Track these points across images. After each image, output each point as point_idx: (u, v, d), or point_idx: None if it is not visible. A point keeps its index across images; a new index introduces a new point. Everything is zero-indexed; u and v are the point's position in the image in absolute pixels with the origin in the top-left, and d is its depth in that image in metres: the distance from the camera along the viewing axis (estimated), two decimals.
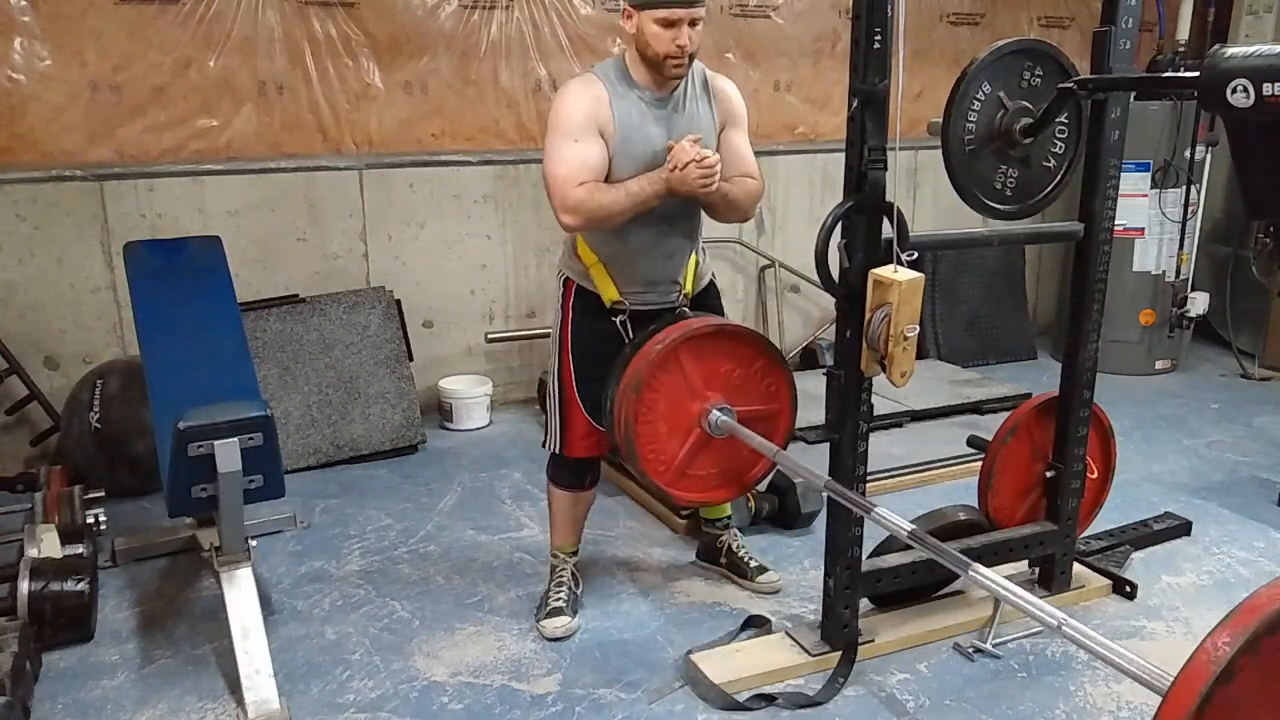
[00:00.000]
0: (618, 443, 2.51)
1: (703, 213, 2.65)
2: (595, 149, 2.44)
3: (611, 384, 2.50)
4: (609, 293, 2.60)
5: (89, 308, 3.87)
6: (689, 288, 2.69)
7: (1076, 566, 2.88)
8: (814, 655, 2.51)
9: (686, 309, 2.66)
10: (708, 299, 2.77)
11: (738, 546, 3.00)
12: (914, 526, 2.09)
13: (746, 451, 2.57)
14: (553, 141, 2.45)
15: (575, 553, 2.86)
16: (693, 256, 2.68)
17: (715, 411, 2.49)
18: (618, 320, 2.60)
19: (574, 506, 2.79)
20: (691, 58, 2.46)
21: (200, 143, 4.02)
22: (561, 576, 2.80)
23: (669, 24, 2.38)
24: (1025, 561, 2.84)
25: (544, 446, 2.76)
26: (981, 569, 1.90)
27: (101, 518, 3.02)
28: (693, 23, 2.40)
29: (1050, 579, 2.81)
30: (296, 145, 4.17)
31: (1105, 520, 3.08)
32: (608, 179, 2.47)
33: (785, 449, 2.54)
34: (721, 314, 2.79)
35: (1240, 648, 1.31)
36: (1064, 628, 1.71)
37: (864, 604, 2.60)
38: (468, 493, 3.69)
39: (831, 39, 5.08)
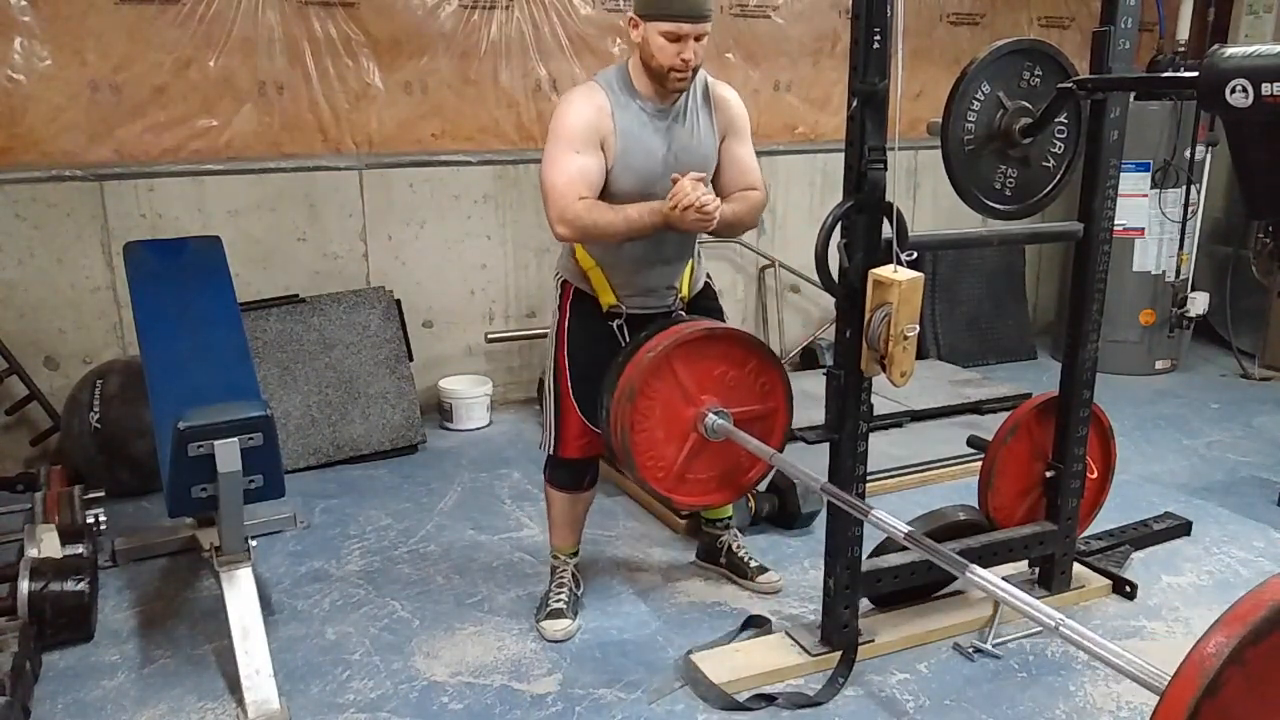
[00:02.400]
0: (615, 451, 2.52)
1: None
2: (594, 161, 2.45)
3: (606, 393, 2.51)
4: (606, 297, 2.61)
5: (89, 308, 3.87)
6: (685, 291, 2.69)
7: (1076, 566, 2.88)
8: (814, 655, 2.51)
9: (682, 313, 2.66)
10: (705, 300, 2.78)
11: (738, 547, 3.00)
12: (910, 528, 2.10)
13: (744, 453, 2.57)
14: (553, 149, 2.45)
15: (576, 554, 2.86)
16: (689, 261, 2.69)
17: (711, 415, 2.49)
18: (614, 325, 2.61)
19: (573, 507, 2.79)
20: (695, 70, 2.46)
21: (200, 143, 4.02)
22: (562, 578, 2.80)
23: (675, 38, 2.39)
24: (1025, 561, 2.84)
25: (540, 448, 2.77)
26: (979, 570, 1.90)
27: (101, 518, 3.03)
28: (698, 37, 2.41)
29: (1050, 579, 2.81)
30: (296, 145, 4.17)
31: (1105, 520, 3.08)
32: (606, 187, 2.47)
33: (783, 450, 2.54)
34: (720, 314, 2.80)
35: (1226, 659, 1.31)
36: (1061, 628, 1.71)
37: (864, 604, 2.60)
38: (468, 493, 3.69)
39: (831, 39, 5.08)
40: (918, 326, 2.18)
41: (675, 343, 2.45)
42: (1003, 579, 2.88)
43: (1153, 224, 4.91)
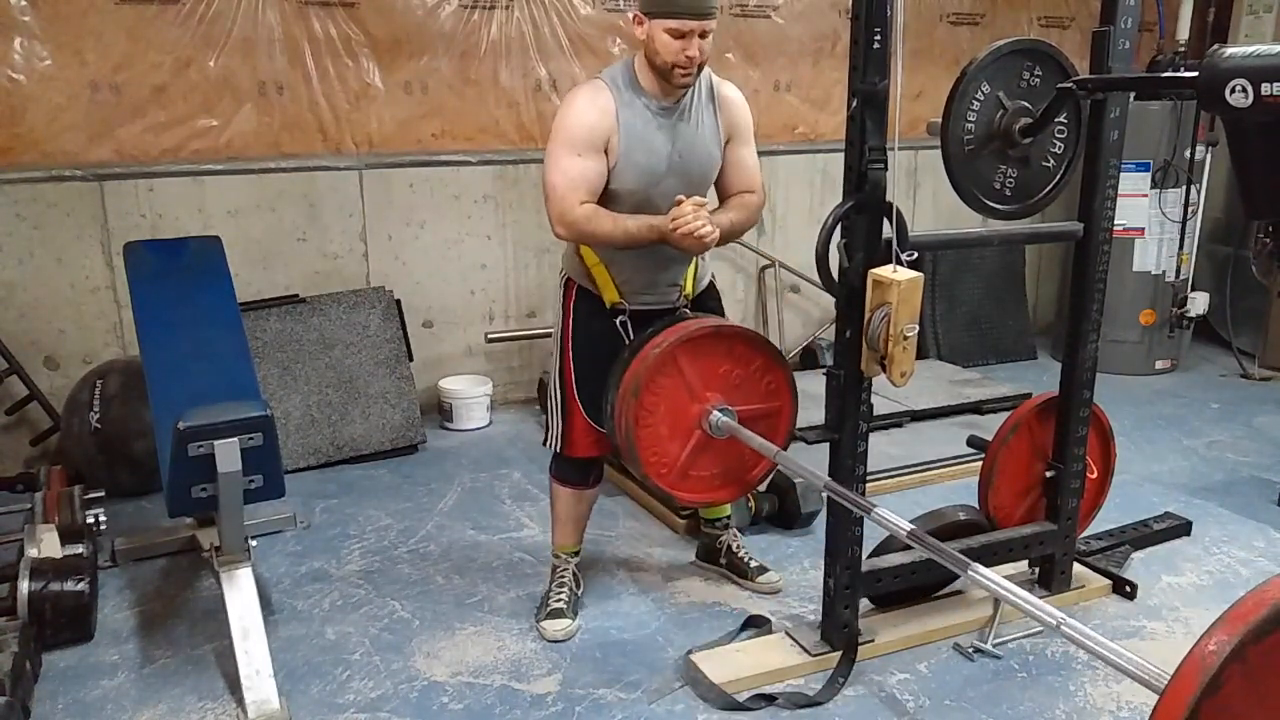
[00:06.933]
0: (619, 447, 2.52)
1: None
2: (595, 165, 2.45)
3: (611, 389, 2.51)
4: (610, 294, 2.61)
5: (89, 308, 3.87)
6: (689, 289, 2.69)
7: (1076, 566, 2.88)
8: (814, 655, 2.51)
9: (686, 310, 2.66)
10: (708, 300, 2.78)
11: (738, 547, 3.00)
12: (913, 526, 2.09)
13: (748, 451, 2.57)
14: (555, 149, 2.46)
15: (577, 553, 2.86)
16: (693, 259, 2.69)
17: (715, 413, 2.49)
18: (618, 321, 2.61)
19: (577, 504, 2.79)
20: (700, 67, 2.46)
21: (200, 143, 4.02)
22: (563, 577, 2.80)
23: (679, 34, 2.38)
24: (1025, 561, 2.84)
25: (545, 445, 2.77)
26: (980, 569, 1.90)
27: (101, 518, 3.02)
28: (703, 34, 2.40)
29: (1050, 579, 2.81)
30: (296, 145, 4.17)
31: (1105, 520, 3.08)
32: (609, 183, 2.48)
33: (787, 448, 2.54)
34: (722, 314, 2.80)
35: (1226, 657, 1.31)
36: (1063, 626, 1.71)
37: (864, 604, 2.60)
38: (468, 493, 3.69)
39: (831, 39, 5.08)
40: (917, 326, 2.19)
41: (681, 339, 2.45)
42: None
43: (1153, 224, 4.91)
